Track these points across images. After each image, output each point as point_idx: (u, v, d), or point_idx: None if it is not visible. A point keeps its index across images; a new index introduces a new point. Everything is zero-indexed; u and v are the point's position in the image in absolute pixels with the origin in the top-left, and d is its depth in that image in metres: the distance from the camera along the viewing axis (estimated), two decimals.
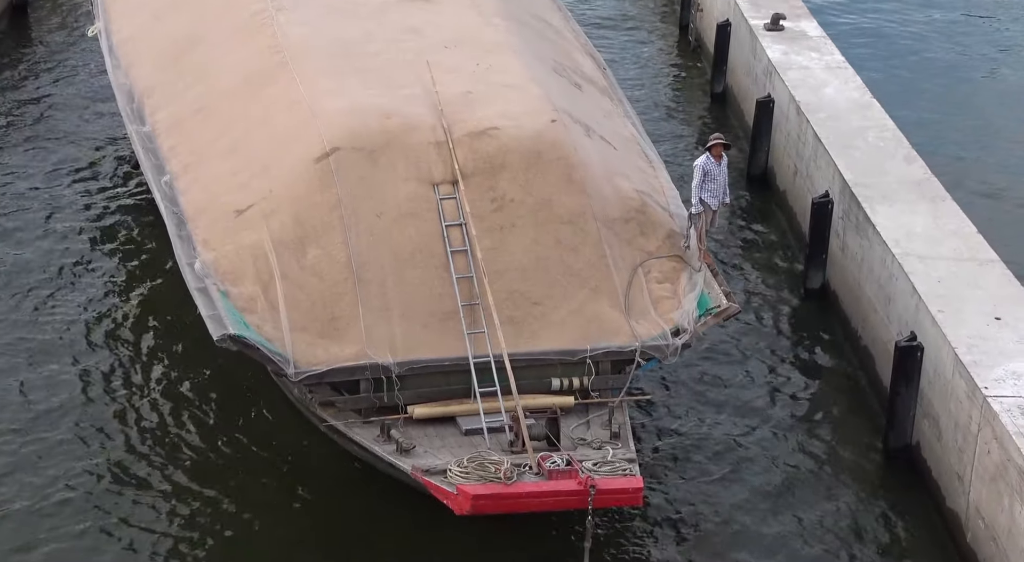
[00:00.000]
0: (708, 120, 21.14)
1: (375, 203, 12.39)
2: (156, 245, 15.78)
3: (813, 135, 16.72)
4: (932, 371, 12.63)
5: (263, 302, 11.86)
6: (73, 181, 18.01)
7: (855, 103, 17.59)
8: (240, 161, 13.31)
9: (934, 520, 12.37)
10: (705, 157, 12.88)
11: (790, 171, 17.69)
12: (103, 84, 18.88)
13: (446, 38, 15.12)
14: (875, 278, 14.30)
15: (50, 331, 14.59)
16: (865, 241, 14.68)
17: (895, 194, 15.12)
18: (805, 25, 20.30)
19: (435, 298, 12.07)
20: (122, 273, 15.85)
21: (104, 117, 19.63)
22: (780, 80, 18.36)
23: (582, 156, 13.14)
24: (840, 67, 18.82)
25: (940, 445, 12.47)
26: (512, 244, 12.38)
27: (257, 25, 15.28)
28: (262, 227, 12.35)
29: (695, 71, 23.08)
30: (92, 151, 18.89)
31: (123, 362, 14.11)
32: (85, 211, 17.28)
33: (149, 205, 15.97)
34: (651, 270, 12.62)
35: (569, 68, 16.20)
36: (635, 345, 11.91)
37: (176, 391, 13.58)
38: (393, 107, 13.18)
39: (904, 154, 16.18)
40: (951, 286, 13.24)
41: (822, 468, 12.96)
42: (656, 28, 25.20)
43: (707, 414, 13.55)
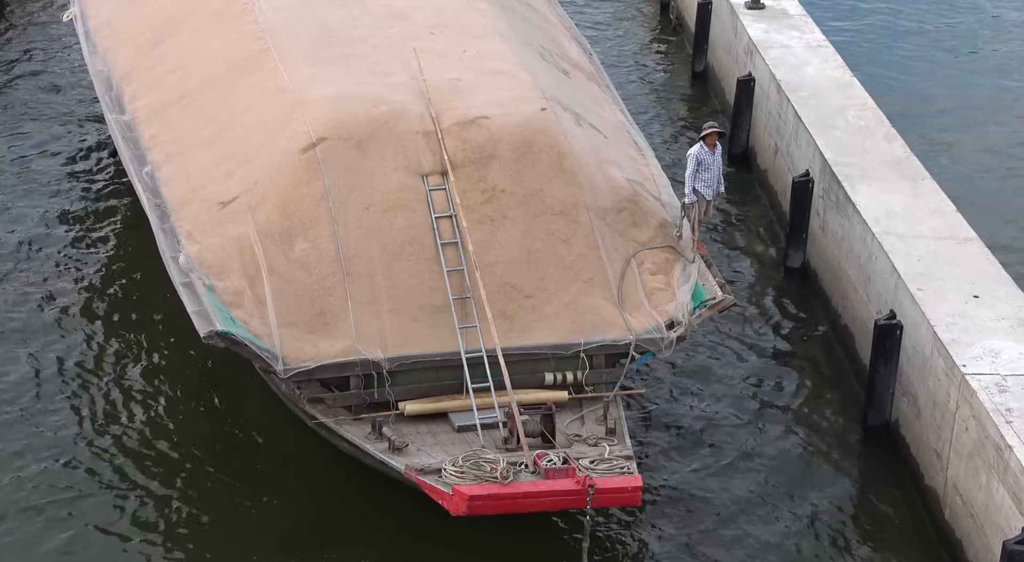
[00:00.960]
0: (689, 99, 21.10)
1: (363, 194, 12.14)
2: (136, 234, 15.40)
3: (794, 114, 16.74)
4: (911, 349, 12.73)
5: (250, 296, 11.60)
6: (51, 164, 17.61)
7: (835, 82, 17.62)
8: (224, 151, 13.01)
9: (913, 497, 12.41)
10: (699, 146, 12.68)
11: (771, 150, 17.70)
12: (83, 66, 18.48)
13: (431, 23, 14.84)
14: (855, 257, 14.34)
15: (19, 320, 14.24)
16: (845, 220, 14.72)
17: (875, 173, 15.16)
18: (786, 4, 20.32)
19: (425, 292, 11.85)
20: (98, 260, 15.51)
21: (85, 102, 19.21)
22: (761, 59, 18.36)
23: (573, 145, 12.92)
24: (821, 46, 18.84)
25: (919, 422, 12.53)
26: (503, 236, 12.16)
27: (238, 10, 14.94)
28: (248, 219, 12.07)
29: (676, 50, 23.01)
30: (70, 133, 18.53)
31: (99, 355, 13.77)
32: (62, 194, 16.92)
33: (128, 190, 15.64)
34: (644, 261, 12.42)
35: (556, 54, 15.96)
36: (629, 338, 11.74)
37: (156, 385, 13.28)
38: (380, 95, 12.90)
39: (884, 133, 16.21)
40: (930, 265, 13.30)
41: (802, 446, 13.01)
42: (637, 6, 25.09)
43: (686, 393, 13.51)
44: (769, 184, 17.64)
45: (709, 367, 13.97)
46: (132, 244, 15.60)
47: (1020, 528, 10.23)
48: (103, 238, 16.01)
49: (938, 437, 12.06)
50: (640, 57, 22.69)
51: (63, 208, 16.63)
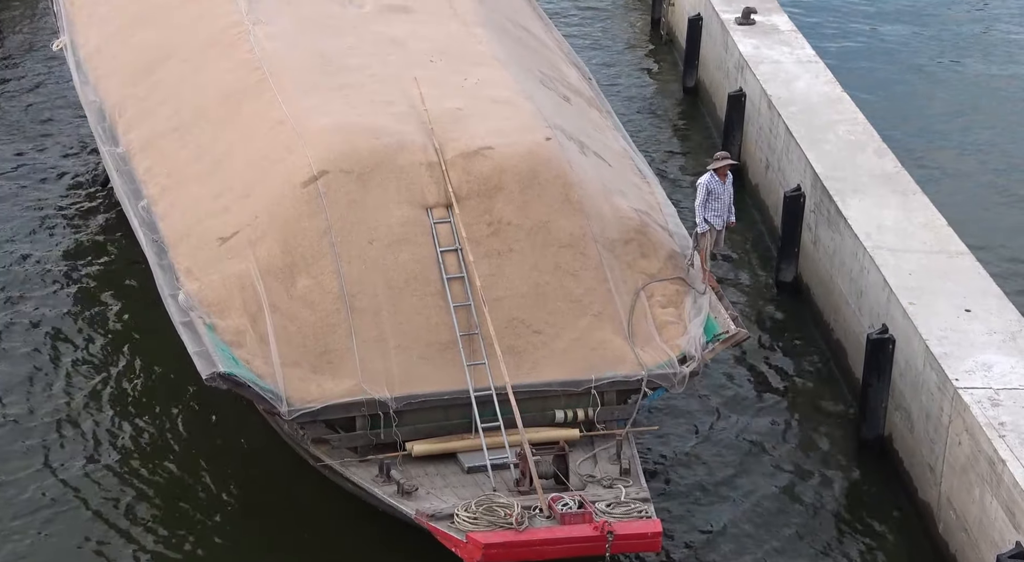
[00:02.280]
0: (680, 114, 21.15)
1: (366, 228, 11.86)
2: (132, 266, 15.10)
3: (785, 129, 16.78)
4: (903, 363, 12.70)
5: (252, 335, 11.28)
6: (40, 187, 17.37)
7: (826, 97, 17.69)
8: (221, 184, 12.71)
9: (906, 511, 12.35)
10: (709, 175, 12.45)
11: (762, 165, 17.72)
12: (74, 91, 18.26)
13: (430, 50, 14.59)
14: (847, 271, 14.33)
15: (12, 354, 13.94)
16: (837, 234, 14.73)
17: (866, 187, 15.17)
18: (776, 19, 20.40)
19: (432, 328, 11.56)
20: (93, 294, 15.15)
21: (75, 124, 18.92)
22: (752, 74, 18.42)
23: (579, 175, 12.67)
24: (811, 61, 18.93)
25: (912, 436, 12.50)
26: (510, 270, 11.89)
27: (232, 38, 14.65)
28: (248, 255, 11.77)
29: (667, 65, 23.06)
30: (61, 157, 18.27)
31: (93, 391, 13.42)
32: (51, 219, 16.63)
33: (120, 222, 15.34)
34: (654, 294, 12.17)
35: (556, 79, 15.74)
36: (641, 374, 11.48)
37: (154, 420, 12.97)
38: (381, 126, 12.63)
39: (875, 147, 16.27)
40: (922, 279, 13.27)
41: (794, 460, 12.96)
42: (628, 22, 25.09)
43: (676, 409, 13.30)
44: (760, 199, 17.67)
45: (699, 382, 13.55)
46: (127, 277, 15.25)
47: (1014, 542, 10.20)
48: (97, 271, 15.64)
49: (931, 451, 12.04)
50: (631, 73, 22.73)
51: (57, 238, 16.28)
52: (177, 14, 15.65)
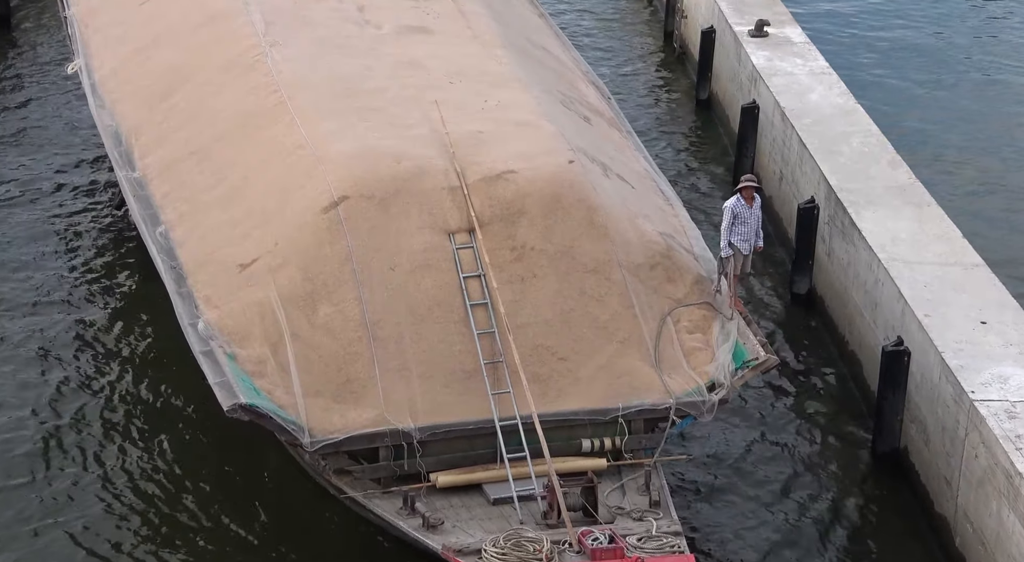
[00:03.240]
0: (693, 126, 21.14)
1: (388, 255, 11.66)
2: (148, 289, 14.89)
3: (798, 141, 16.73)
4: (919, 376, 12.60)
5: (273, 364, 11.09)
6: (55, 200, 17.31)
7: (839, 108, 17.64)
8: (240, 210, 12.53)
9: (922, 524, 12.25)
10: (735, 199, 12.24)
11: (776, 177, 17.68)
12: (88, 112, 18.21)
13: (448, 72, 14.42)
14: (861, 283, 14.26)
15: (27, 379, 13.76)
16: (851, 246, 14.66)
17: (880, 199, 15.13)
18: (789, 31, 20.37)
19: (455, 356, 11.36)
20: (109, 318, 14.98)
21: (90, 136, 18.77)
22: (765, 86, 18.40)
23: (603, 198, 12.48)
24: (824, 73, 18.89)
25: (928, 449, 12.41)
26: (535, 296, 11.69)
27: (249, 61, 14.49)
28: (269, 282, 11.58)
29: (680, 78, 23.03)
30: (75, 169, 18.21)
31: (108, 415, 13.26)
32: (65, 228, 16.55)
33: (134, 239, 15.19)
34: (681, 319, 11.96)
35: (575, 99, 15.56)
36: (669, 402, 11.26)
37: (171, 445, 12.80)
38: (402, 150, 12.45)
39: (889, 159, 16.22)
40: (937, 291, 13.20)
41: (810, 472, 12.86)
42: (640, 35, 25.08)
43: (694, 425, 12.84)
44: (774, 210, 17.66)
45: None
46: (143, 302, 15.09)
47: None
48: (113, 296, 15.47)
49: (947, 464, 11.97)
50: (644, 85, 22.72)
51: (71, 257, 16.15)
52: (193, 37, 15.52)
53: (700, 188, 18.82)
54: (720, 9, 21.08)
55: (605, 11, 26.06)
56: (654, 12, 25.85)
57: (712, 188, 18.93)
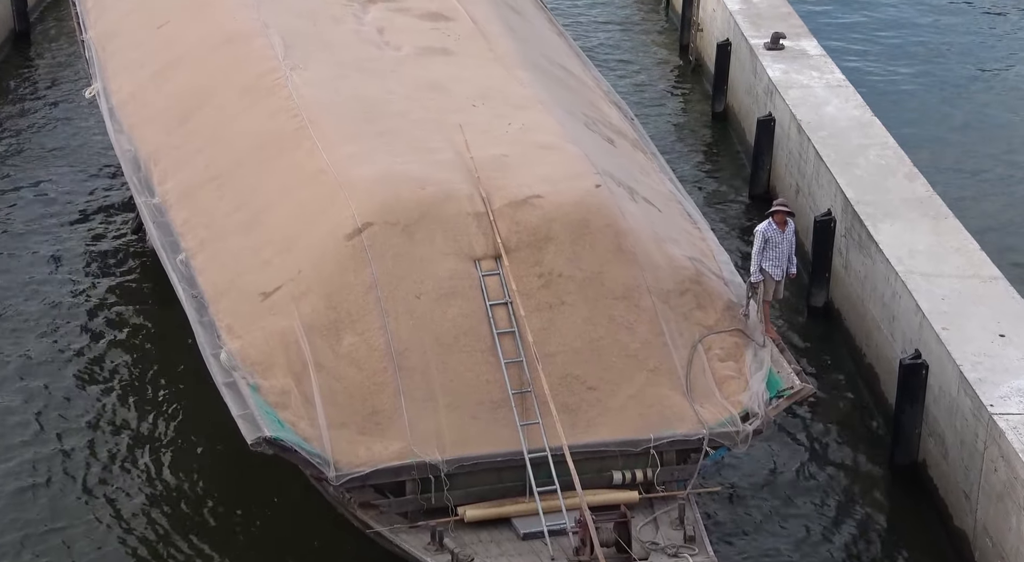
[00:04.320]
0: (709, 139, 21.10)
1: (413, 282, 11.44)
2: (160, 301, 14.77)
3: (815, 153, 16.66)
4: (937, 389, 12.56)
5: (297, 396, 10.86)
6: (73, 220, 17.26)
7: (856, 121, 17.57)
8: (262, 237, 12.32)
9: (941, 538, 12.18)
10: (767, 223, 12.00)
11: (792, 189, 17.63)
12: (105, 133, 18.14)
13: (471, 94, 14.22)
14: (878, 296, 14.25)
15: (45, 405, 13.59)
16: (868, 259, 14.57)
17: (897, 212, 15.09)
18: (805, 44, 20.33)
19: (483, 386, 11.12)
20: (127, 346, 14.78)
21: (108, 152, 18.60)
22: (781, 99, 18.35)
23: (631, 223, 12.25)
24: (841, 85, 18.83)
25: (946, 463, 12.37)
26: (563, 324, 11.44)
27: (269, 84, 14.29)
28: (292, 311, 11.36)
29: (695, 91, 22.99)
30: (93, 187, 18.14)
31: (127, 443, 13.09)
32: (82, 252, 16.45)
33: (151, 269, 15.04)
34: (712, 347, 11.70)
35: (598, 120, 15.34)
36: (702, 433, 10.99)
37: (188, 475, 12.60)
38: (426, 175, 12.24)
39: (906, 172, 16.14)
40: (955, 304, 13.16)
41: (827, 486, 12.78)
42: (656, 48, 25.04)
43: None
44: None
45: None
46: (161, 327, 14.90)
47: None
48: (131, 319, 15.29)
49: (966, 478, 11.90)
50: (659, 99, 22.68)
51: (79, 260, 16.11)
52: (211, 59, 15.35)
53: (716, 201, 18.75)
54: (736, 22, 21.13)
55: (620, 25, 26.12)
56: (669, 25, 25.89)
57: (728, 201, 18.87)
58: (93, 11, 17.54)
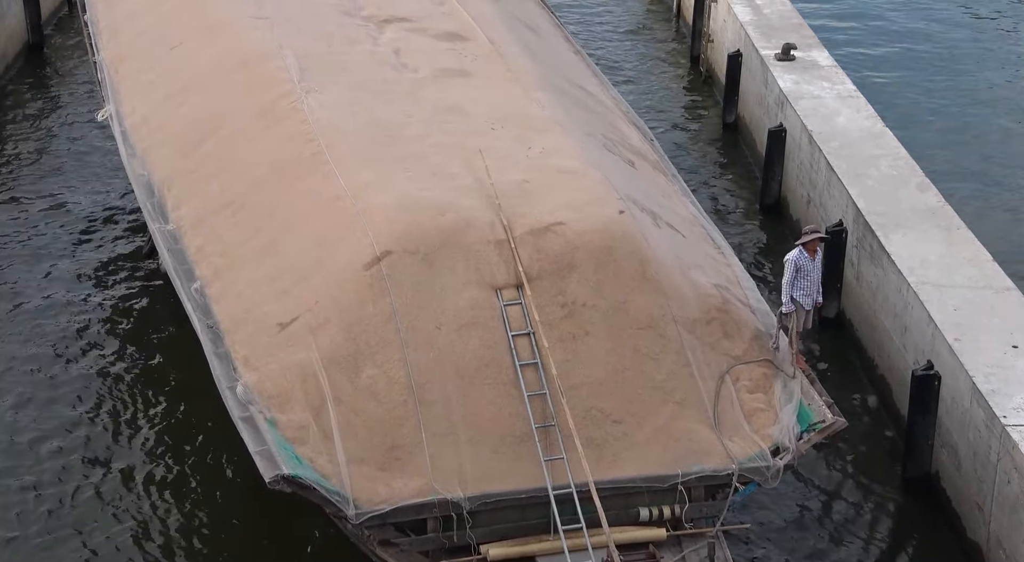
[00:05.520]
0: (720, 150, 21.02)
1: (433, 313, 11.17)
2: (173, 326, 14.57)
3: (826, 164, 16.61)
4: (950, 400, 12.55)
5: (315, 430, 10.58)
6: (83, 236, 17.15)
7: (867, 132, 17.52)
8: (278, 265, 12.05)
9: (954, 551, 12.13)
10: (798, 251, 11.70)
11: (803, 200, 17.57)
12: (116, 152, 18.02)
13: (490, 117, 13.96)
14: (890, 307, 14.23)
15: (56, 430, 13.38)
16: (880, 270, 14.55)
17: (909, 222, 15.06)
18: (816, 55, 20.30)
19: (505, 420, 10.83)
20: (135, 357, 14.57)
21: (123, 166, 18.57)
22: (792, 109, 18.33)
23: (655, 250, 11.96)
24: (852, 96, 18.79)
25: (959, 475, 12.35)
26: (586, 355, 11.15)
27: (285, 108, 14.04)
28: (310, 343, 11.09)
29: (706, 101, 22.93)
30: (105, 200, 18.02)
31: (139, 472, 12.86)
32: (90, 266, 16.32)
33: (163, 276, 14.87)
34: (740, 378, 11.40)
35: (619, 142, 15.07)
36: (731, 468, 10.69)
37: (200, 505, 12.34)
38: (446, 201, 11.97)
39: (917, 182, 16.07)
40: (967, 314, 13.13)
41: (840, 497, 12.78)
42: (667, 59, 24.94)
43: None
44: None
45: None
46: (174, 353, 14.67)
47: None
48: (144, 345, 15.07)
49: (979, 490, 11.87)
50: (670, 109, 22.59)
51: (100, 304, 15.80)
52: (226, 82, 15.10)
53: (727, 212, 18.60)
54: (747, 33, 21.10)
55: (630, 35, 26.07)
56: (680, 36, 25.85)
57: (739, 212, 18.77)
58: (105, 32, 17.34)
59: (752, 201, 18.89)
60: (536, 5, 20.16)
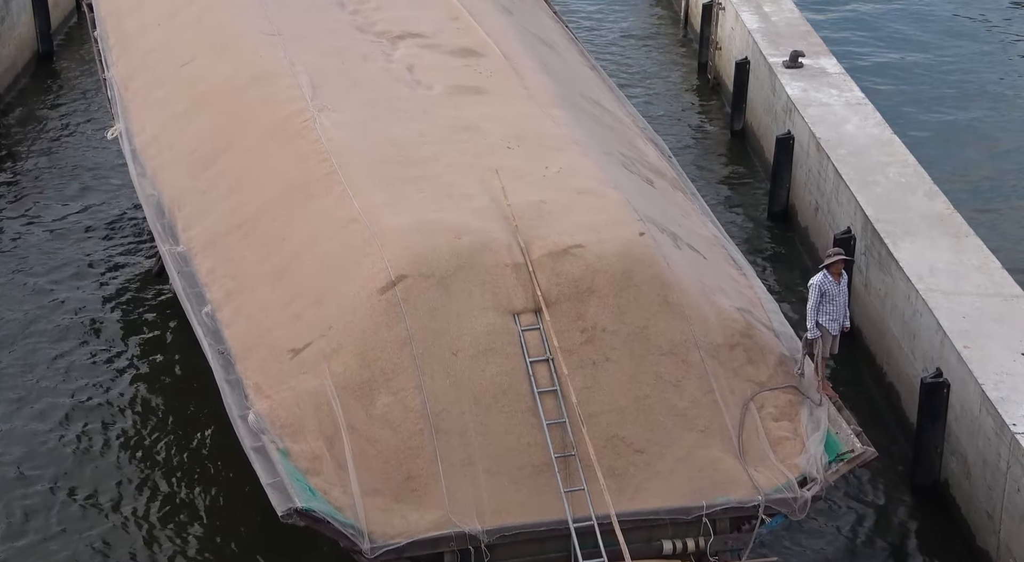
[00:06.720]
0: (728, 157, 20.85)
1: (450, 338, 10.89)
2: (183, 348, 14.28)
3: (834, 171, 16.53)
4: (959, 407, 12.48)
5: (328, 461, 10.31)
6: (88, 249, 17.01)
7: (875, 139, 17.42)
8: (291, 289, 11.79)
9: (963, 559, 12.03)
10: (822, 275, 11.39)
11: (811, 207, 17.49)
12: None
13: (506, 135, 13.67)
14: (899, 314, 14.20)
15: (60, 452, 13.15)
16: (888, 277, 14.40)
17: (917, 230, 15.00)
18: (824, 62, 20.19)
19: (523, 449, 10.55)
20: (144, 378, 14.33)
21: (128, 181, 18.40)
22: (800, 117, 18.25)
23: (676, 272, 11.67)
24: (860, 103, 18.69)
25: (969, 482, 12.28)
26: (607, 381, 10.86)
27: (297, 127, 13.77)
28: (323, 370, 10.82)
29: (714, 109, 22.80)
30: (114, 214, 17.86)
31: (145, 498, 12.60)
32: (97, 287, 16.11)
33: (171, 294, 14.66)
34: (765, 405, 11.09)
35: (636, 160, 14.78)
36: (757, 499, 10.38)
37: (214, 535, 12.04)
38: (462, 223, 11.69)
39: (926, 189, 15.96)
40: (976, 322, 13.05)
41: (847, 504, 12.58)
42: (674, 67, 24.80)
43: None
44: (810, 241, 17.48)
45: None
46: (184, 374, 14.42)
47: None
48: (153, 367, 14.82)
49: (989, 497, 11.81)
50: (678, 117, 22.46)
51: (93, 288, 15.76)
52: (237, 100, 14.83)
53: (735, 220, 18.43)
54: (754, 40, 21.01)
55: (638, 42, 25.92)
56: (687, 43, 25.69)
57: (747, 219, 18.62)
58: (115, 49, 17.12)
59: (760, 208, 18.81)
60: (550, 18, 19.91)
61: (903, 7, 27.58)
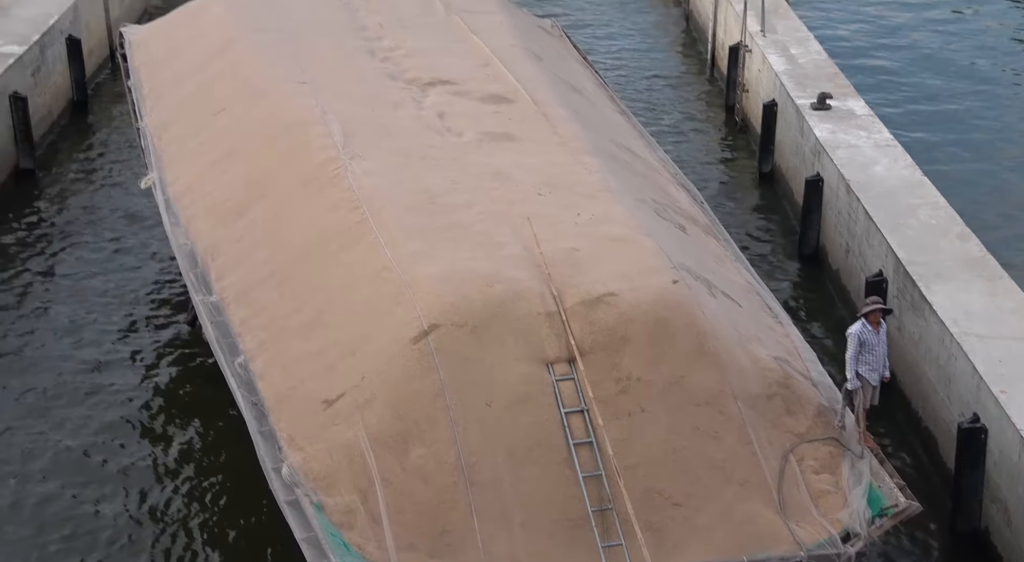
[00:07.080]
0: (757, 199, 20.81)
1: (483, 389, 10.78)
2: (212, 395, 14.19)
3: (864, 213, 16.42)
4: (998, 453, 12.32)
5: (363, 515, 10.19)
6: (125, 297, 17.08)
7: (906, 181, 17.32)
8: (324, 339, 11.73)
9: None
10: (860, 324, 11.23)
11: (842, 250, 17.38)
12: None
13: (537, 182, 13.62)
14: (934, 358, 14.03)
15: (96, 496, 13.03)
16: (922, 320, 14.29)
17: (950, 272, 14.87)
18: (852, 104, 20.15)
19: (559, 502, 10.39)
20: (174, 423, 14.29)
21: (163, 234, 18.46)
22: (829, 159, 18.19)
23: (712, 321, 11.53)
24: (889, 145, 18.62)
25: (1010, 530, 12.06)
26: (643, 433, 10.71)
27: (329, 175, 13.80)
28: (357, 421, 10.73)
29: (742, 151, 22.75)
30: (147, 261, 18.02)
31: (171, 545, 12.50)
32: (129, 338, 16.16)
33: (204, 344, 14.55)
34: (804, 457, 10.90)
35: (669, 206, 14.70)
36: (800, 555, 10.16)
37: None
38: (494, 272, 11.61)
39: (958, 232, 15.83)
40: (1013, 366, 12.88)
41: (885, 552, 12.26)
42: (701, 109, 24.76)
43: None
44: (841, 284, 17.32)
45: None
46: (213, 421, 14.36)
47: None
48: (185, 420, 14.78)
49: None
50: (706, 159, 22.39)
51: (142, 372, 15.54)
52: (269, 149, 14.91)
53: (765, 262, 18.30)
54: (782, 83, 21.00)
55: (665, 85, 25.90)
56: (715, 85, 25.68)
57: (777, 262, 18.51)
58: (149, 98, 17.28)
59: (790, 251, 18.70)
60: (580, 64, 19.95)
61: (929, 54, 27.41)
